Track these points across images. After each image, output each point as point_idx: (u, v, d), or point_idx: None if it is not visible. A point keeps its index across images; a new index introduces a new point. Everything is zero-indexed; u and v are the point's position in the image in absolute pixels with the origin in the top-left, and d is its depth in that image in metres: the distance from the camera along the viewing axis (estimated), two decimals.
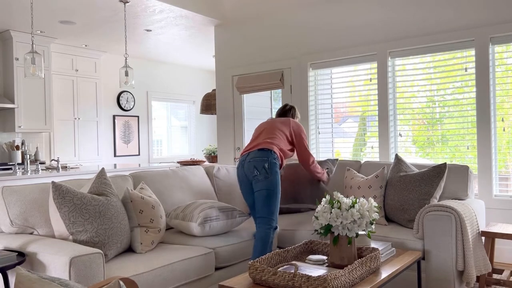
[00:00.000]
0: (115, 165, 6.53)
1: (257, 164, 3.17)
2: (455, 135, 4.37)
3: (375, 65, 4.79)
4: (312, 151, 5.31)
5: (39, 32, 6.40)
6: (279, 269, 2.13)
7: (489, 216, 4.05)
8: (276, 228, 3.17)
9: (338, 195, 2.39)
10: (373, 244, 2.64)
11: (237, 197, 3.98)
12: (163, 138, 9.33)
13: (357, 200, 2.38)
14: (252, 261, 2.21)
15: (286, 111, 3.65)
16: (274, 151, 3.22)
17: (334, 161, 4.00)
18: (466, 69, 4.26)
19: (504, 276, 3.30)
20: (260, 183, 3.16)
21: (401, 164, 3.50)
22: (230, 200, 3.95)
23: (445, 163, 3.28)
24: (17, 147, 6.53)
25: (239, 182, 3.35)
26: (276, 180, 3.17)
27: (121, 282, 1.18)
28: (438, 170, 3.26)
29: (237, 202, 3.96)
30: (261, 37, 5.69)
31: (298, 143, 3.46)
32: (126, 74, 5.23)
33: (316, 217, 2.38)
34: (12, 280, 2.40)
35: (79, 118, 7.40)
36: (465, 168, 3.44)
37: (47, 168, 5.60)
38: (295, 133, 3.44)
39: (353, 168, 3.89)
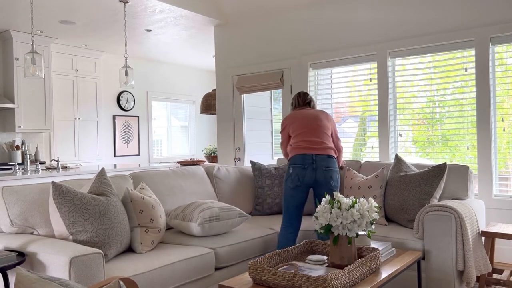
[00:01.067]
0: (115, 165, 6.53)
1: (334, 175, 3.31)
2: (455, 135, 4.37)
3: (375, 65, 4.79)
4: None
5: (39, 32, 6.40)
6: (279, 269, 2.13)
7: (489, 216, 4.05)
8: None
9: (338, 195, 2.39)
10: (373, 244, 2.64)
11: (237, 197, 3.98)
12: (163, 138, 9.33)
13: (357, 200, 2.38)
14: (252, 261, 2.21)
15: (309, 101, 3.59)
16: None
17: None
18: (466, 69, 4.26)
19: (504, 276, 3.30)
20: (334, 191, 3.27)
21: (401, 164, 3.50)
22: (230, 200, 3.95)
23: (445, 163, 3.28)
24: (17, 147, 6.53)
25: (299, 183, 3.25)
26: None
27: (121, 282, 1.18)
28: (438, 170, 3.26)
29: (237, 202, 3.96)
30: (261, 37, 5.69)
31: (336, 136, 3.53)
32: (126, 74, 5.23)
33: (316, 217, 2.38)
34: (12, 280, 2.40)
35: (79, 118, 7.40)
36: (465, 168, 3.44)
37: (47, 168, 5.60)
38: (334, 130, 3.52)
39: (353, 168, 3.89)
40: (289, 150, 3.41)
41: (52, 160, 5.40)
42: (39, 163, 6.50)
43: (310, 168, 3.23)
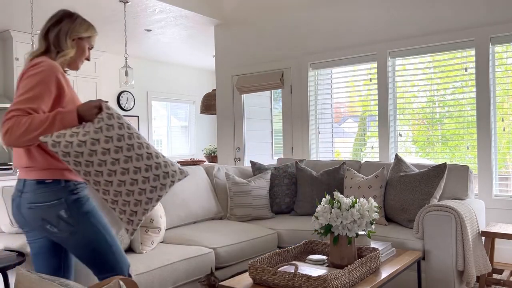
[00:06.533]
0: None
1: None
2: (455, 135, 4.37)
3: (375, 65, 4.79)
4: (312, 151, 5.30)
5: (39, 32, 6.40)
6: (279, 269, 2.13)
7: (489, 216, 4.05)
8: None
9: (338, 195, 2.39)
10: (373, 244, 2.64)
11: None
12: (163, 138, 9.33)
13: (357, 200, 2.38)
14: (252, 261, 2.21)
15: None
16: None
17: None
18: (466, 69, 4.26)
19: (504, 276, 3.30)
20: None
21: (401, 164, 3.50)
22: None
23: (445, 163, 3.28)
24: None
25: None
26: None
27: (121, 282, 1.18)
28: (438, 170, 3.26)
29: None
30: (261, 37, 5.69)
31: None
32: (126, 74, 5.23)
33: (316, 217, 2.38)
34: (12, 280, 2.40)
35: None
36: (465, 168, 3.44)
37: None
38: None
39: (353, 168, 3.88)
40: None
41: None
42: None
43: None
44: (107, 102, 1.83)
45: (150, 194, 1.79)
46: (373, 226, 2.37)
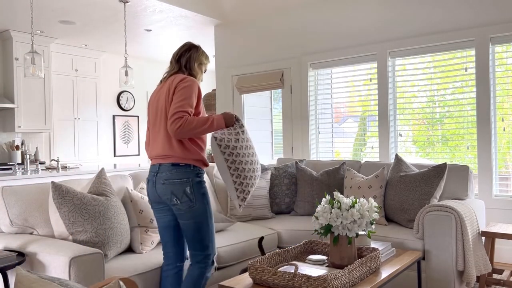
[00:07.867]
0: (115, 165, 6.53)
1: None
2: (455, 135, 4.37)
3: (375, 65, 4.79)
4: (312, 151, 5.31)
5: (39, 32, 6.40)
6: (279, 269, 2.13)
7: (489, 216, 4.05)
8: None
9: (338, 195, 2.39)
10: (373, 244, 2.64)
11: None
12: None
13: (357, 200, 2.38)
14: (252, 261, 2.21)
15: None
16: None
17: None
18: (466, 69, 4.26)
19: (504, 276, 3.30)
20: None
21: (401, 164, 3.50)
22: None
23: (445, 163, 3.28)
24: (17, 147, 6.53)
25: None
26: None
27: (121, 282, 1.18)
28: (438, 170, 3.26)
29: None
30: (261, 37, 5.69)
31: None
32: (126, 74, 5.23)
33: (316, 217, 2.38)
34: (12, 280, 2.40)
35: (79, 118, 7.40)
36: (465, 168, 3.44)
37: (47, 168, 5.60)
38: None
39: (353, 168, 3.88)
40: (193, 144, 2.45)
41: (52, 160, 5.40)
42: (39, 163, 6.50)
43: None
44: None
45: (256, 179, 2.46)
46: (373, 226, 2.37)
